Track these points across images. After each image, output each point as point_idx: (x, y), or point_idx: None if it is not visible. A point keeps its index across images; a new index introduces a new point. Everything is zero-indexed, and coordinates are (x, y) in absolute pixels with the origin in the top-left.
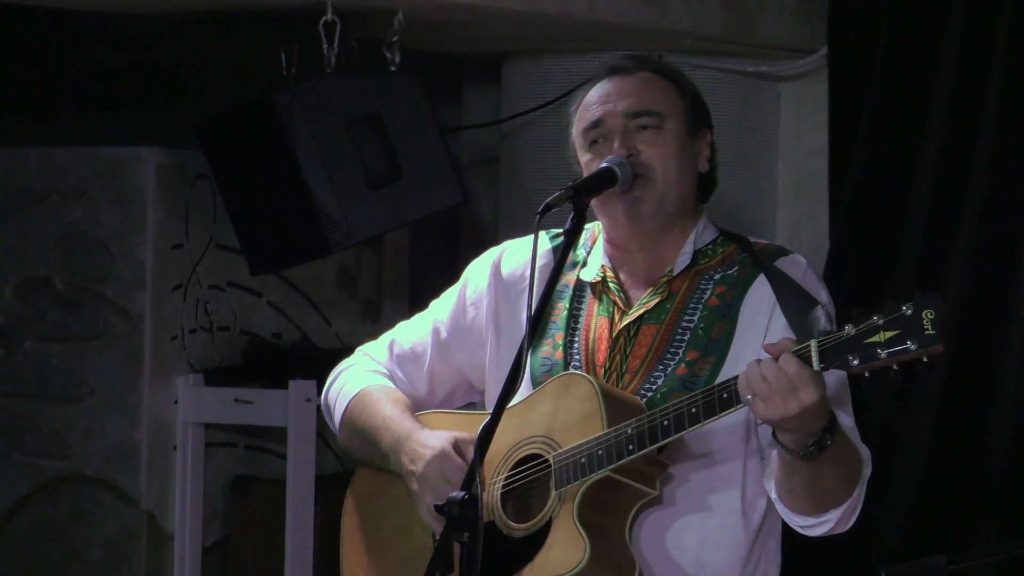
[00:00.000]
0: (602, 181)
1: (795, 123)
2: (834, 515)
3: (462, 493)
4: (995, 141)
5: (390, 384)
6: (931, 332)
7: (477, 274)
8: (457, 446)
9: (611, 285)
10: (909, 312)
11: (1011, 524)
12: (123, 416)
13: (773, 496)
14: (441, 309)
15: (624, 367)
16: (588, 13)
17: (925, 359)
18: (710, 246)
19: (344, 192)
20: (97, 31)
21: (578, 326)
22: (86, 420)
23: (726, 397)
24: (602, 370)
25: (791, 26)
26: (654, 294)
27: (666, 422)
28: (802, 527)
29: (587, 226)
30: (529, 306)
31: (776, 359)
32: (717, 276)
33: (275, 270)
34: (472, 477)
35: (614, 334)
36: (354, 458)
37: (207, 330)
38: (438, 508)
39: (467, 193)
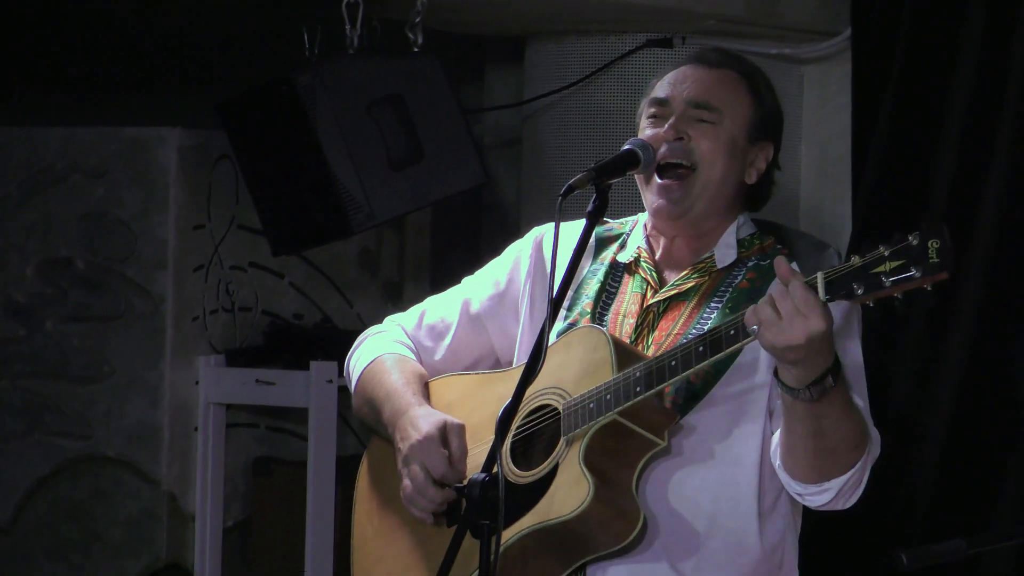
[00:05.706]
0: (624, 163)
1: (818, 106)
2: (835, 484)
3: (483, 475)
4: (1018, 123)
5: (408, 354)
6: (935, 260)
7: (520, 247)
8: (444, 433)
9: (644, 265)
10: (915, 242)
11: None
12: (144, 396)
13: (776, 463)
14: (476, 282)
15: (649, 340)
16: None
17: (929, 287)
18: (748, 238)
19: (366, 173)
20: (119, 11)
21: (611, 301)
22: (107, 400)
23: (732, 334)
24: (627, 341)
25: (814, 8)
26: (690, 277)
27: (673, 362)
28: (801, 494)
29: (640, 216)
30: (550, 287)
31: (786, 286)
32: (751, 263)
33: (297, 251)
34: (493, 458)
35: (644, 309)
36: (365, 424)
37: (229, 311)
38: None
39: (489, 174)
